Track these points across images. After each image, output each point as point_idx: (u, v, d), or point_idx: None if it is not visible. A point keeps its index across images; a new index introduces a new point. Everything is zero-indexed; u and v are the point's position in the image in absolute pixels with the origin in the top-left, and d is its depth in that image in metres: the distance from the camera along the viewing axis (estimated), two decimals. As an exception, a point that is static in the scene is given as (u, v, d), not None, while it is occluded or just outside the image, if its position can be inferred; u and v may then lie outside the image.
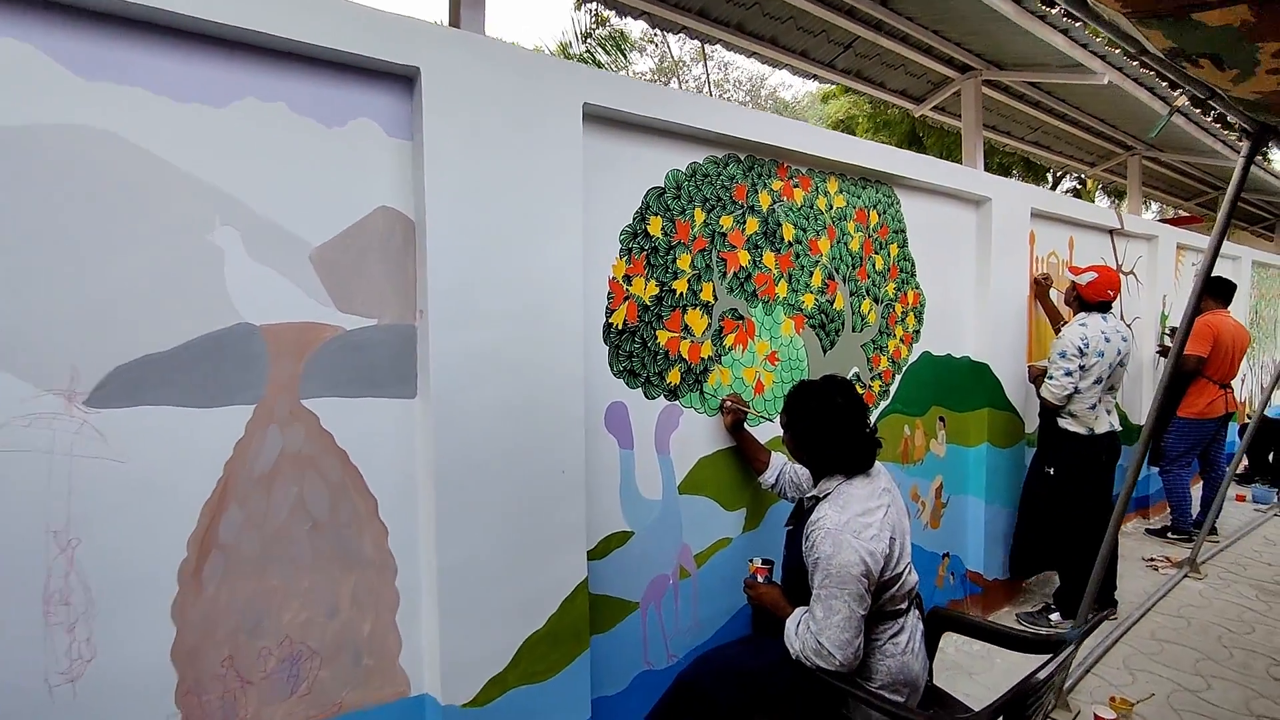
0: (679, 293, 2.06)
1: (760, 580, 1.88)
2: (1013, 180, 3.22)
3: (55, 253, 1.18)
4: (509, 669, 1.65)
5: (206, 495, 1.31)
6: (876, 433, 1.77)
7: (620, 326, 1.94)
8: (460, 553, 1.57)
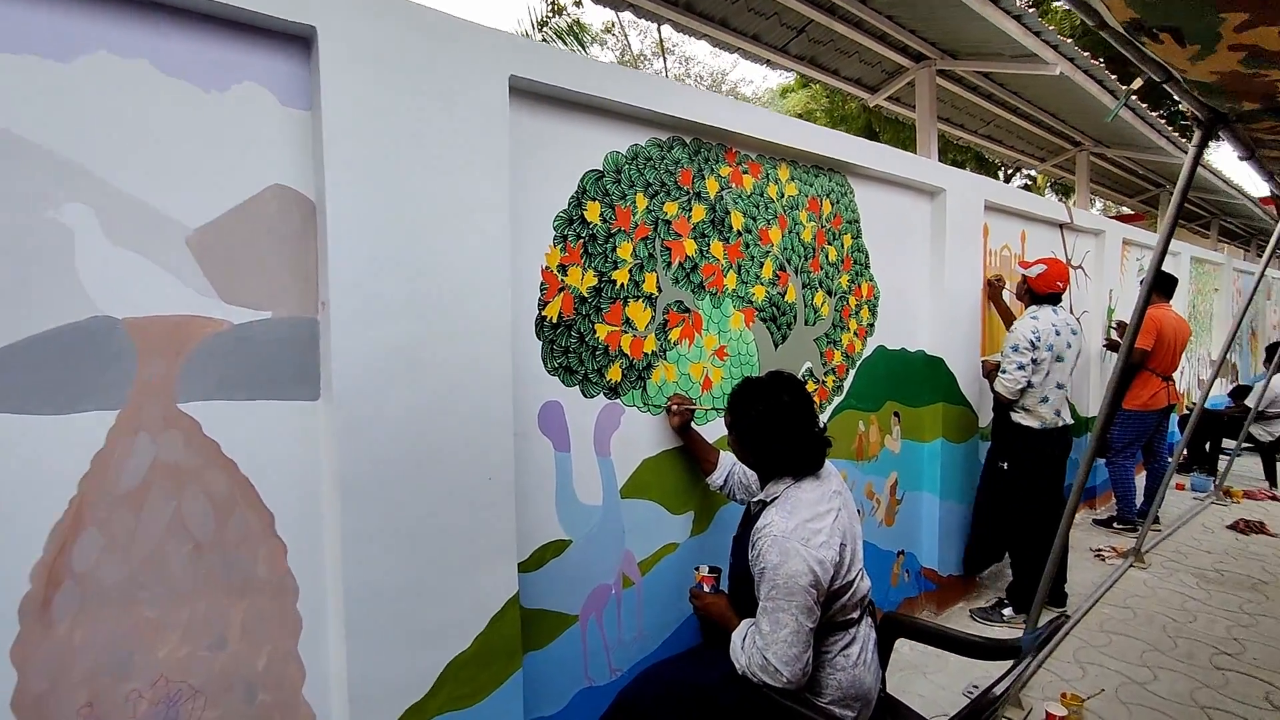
0: (619, 283, 1.92)
1: (707, 590, 1.77)
2: (967, 172, 3.18)
3: None
4: (430, 696, 1.50)
5: (56, 517, 1.13)
6: (826, 431, 1.68)
7: (555, 320, 1.80)
8: (371, 570, 1.42)
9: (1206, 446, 6.02)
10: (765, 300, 2.35)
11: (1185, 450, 5.85)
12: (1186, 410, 5.87)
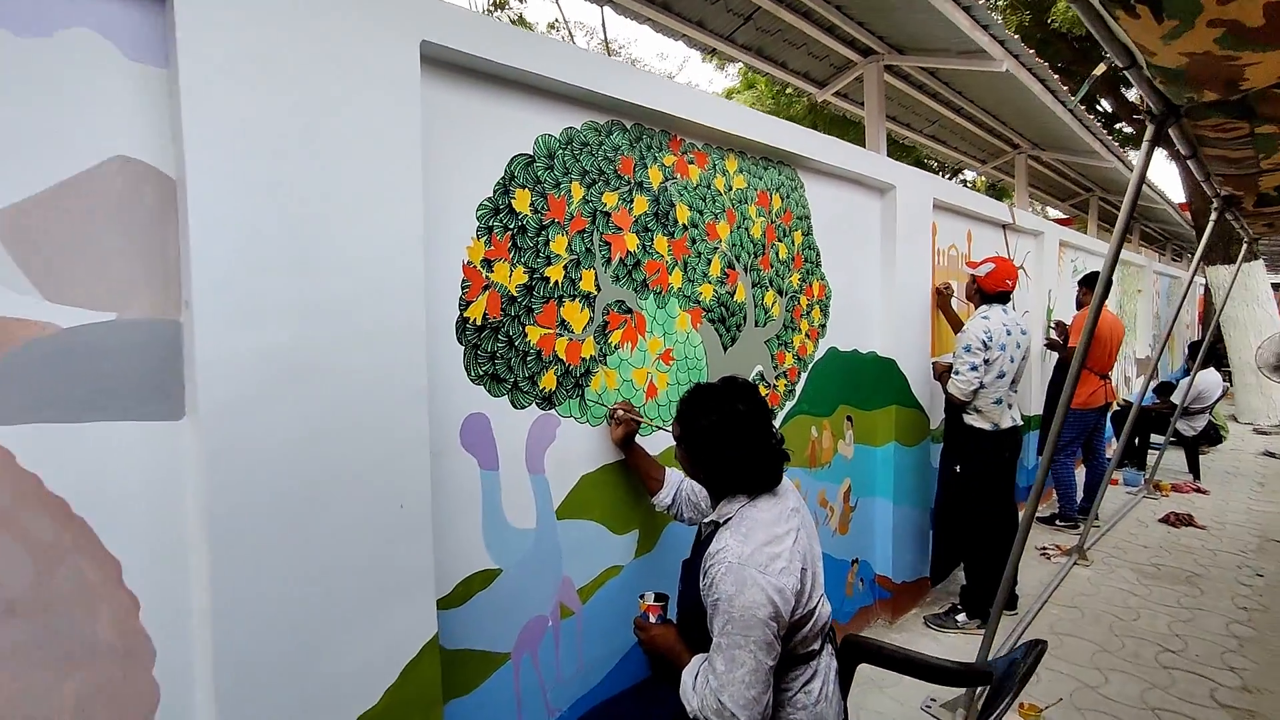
0: (553, 281, 1.73)
1: (653, 620, 1.59)
2: (917, 169, 3.11)
3: None
4: (328, 767, 1.27)
5: None
6: (783, 443, 1.52)
7: (479, 322, 1.59)
8: (249, 623, 1.18)
9: (1135, 441, 6.23)
10: (713, 300, 2.19)
11: (1135, 446, 6.05)
12: (1117, 407, 6.05)
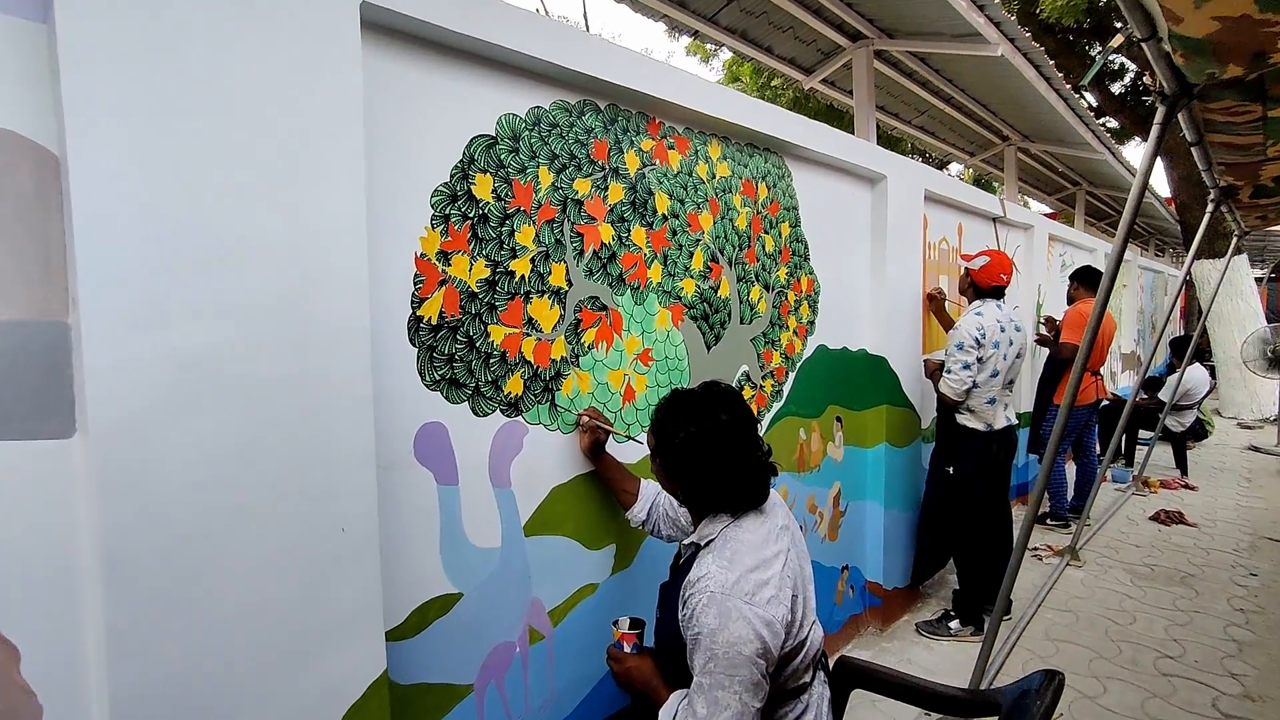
0: (519, 276, 1.57)
1: (628, 649, 1.44)
2: (907, 159, 2.98)
3: None
4: (255, 830, 1.11)
5: None
6: (770, 454, 1.38)
7: (435, 321, 1.43)
8: (155, 671, 1.02)
9: (1123, 437, 6.19)
10: (696, 295, 2.04)
11: (1121, 443, 5.99)
12: (1106, 402, 6.00)
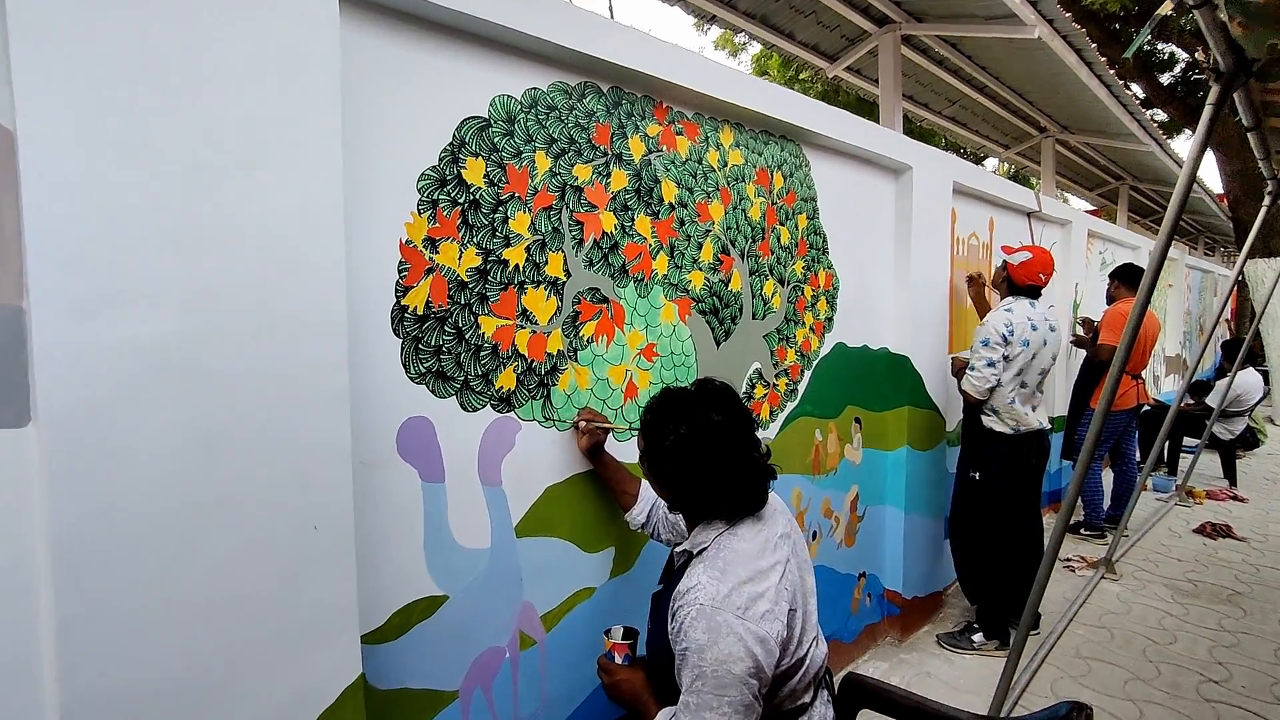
0: (513, 265, 1.50)
1: (619, 660, 1.37)
2: (935, 149, 2.84)
3: None
4: (217, 841, 1.06)
5: None
6: (770, 457, 1.28)
7: (421, 311, 1.37)
8: (111, 671, 0.97)
9: (1166, 444, 5.90)
10: (704, 289, 1.95)
11: (1164, 451, 5.72)
12: (1148, 407, 5.73)
